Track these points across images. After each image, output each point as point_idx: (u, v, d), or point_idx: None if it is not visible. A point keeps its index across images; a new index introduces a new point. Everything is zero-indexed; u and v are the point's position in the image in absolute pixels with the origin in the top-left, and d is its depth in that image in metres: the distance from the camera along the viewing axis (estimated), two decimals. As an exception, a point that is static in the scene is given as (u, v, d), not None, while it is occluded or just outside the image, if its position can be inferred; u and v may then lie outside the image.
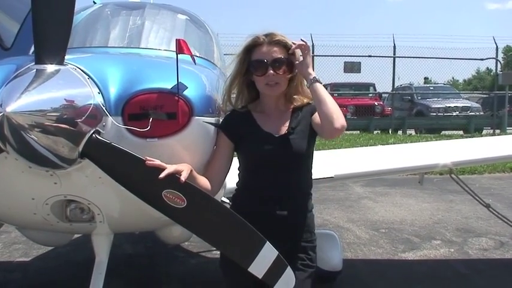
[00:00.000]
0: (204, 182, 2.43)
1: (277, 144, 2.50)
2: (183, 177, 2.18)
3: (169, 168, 2.17)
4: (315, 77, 2.49)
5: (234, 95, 2.66)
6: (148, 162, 2.16)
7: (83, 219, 2.62)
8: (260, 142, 2.50)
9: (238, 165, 2.62)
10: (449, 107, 21.00)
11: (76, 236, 4.54)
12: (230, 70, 2.71)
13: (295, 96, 2.62)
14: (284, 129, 2.54)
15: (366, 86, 23.08)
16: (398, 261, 5.25)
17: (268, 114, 2.59)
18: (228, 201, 4.08)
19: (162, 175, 2.13)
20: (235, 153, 2.63)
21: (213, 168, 2.55)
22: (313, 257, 2.62)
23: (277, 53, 2.51)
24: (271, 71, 2.48)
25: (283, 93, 2.60)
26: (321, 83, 2.49)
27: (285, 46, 2.54)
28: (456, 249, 5.59)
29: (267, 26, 2.59)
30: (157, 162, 2.17)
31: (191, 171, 2.28)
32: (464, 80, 43.40)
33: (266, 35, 2.54)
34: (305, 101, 2.60)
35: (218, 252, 2.75)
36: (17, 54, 2.97)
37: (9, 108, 1.98)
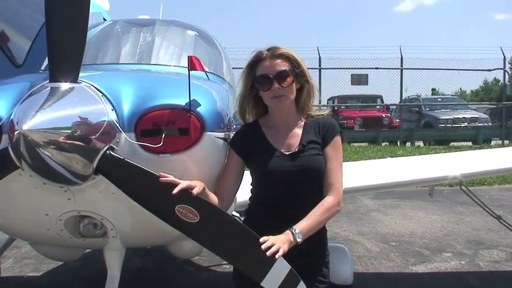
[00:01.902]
0: (215, 198, 2.44)
1: (288, 162, 2.48)
2: (195, 192, 2.20)
3: (183, 184, 2.19)
4: (296, 235, 2.32)
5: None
6: (162, 178, 2.18)
7: (96, 235, 2.64)
8: (270, 160, 2.48)
9: (250, 180, 2.62)
10: (457, 118, 20.96)
11: (87, 250, 4.56)
12: (238, 86, 2.74)
13: (308, 107, 2.61)
14: (295, 146, 2.52)
15: (373, 98, 23.09)
16: (409, 274, 5.20)
17: (278, 129, 2.58)
18: (238, 215, 4.08)
19: (175, 191, 2.16)
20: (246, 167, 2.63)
21: (223, 185, 2.55)
22: (326, 273, 2.61)
23: (281, 66, 2.50)
24: (277, 85, 2.47)
25: (293, 106, 2.59)
26: (298, 233, 2.33)
27: (287, 58, 2.53)
28: (467, 262, 5.53)
29: (272, 40, 2.61)
30: (170, 178, 2.20)
31: (204, 187, 2.30)
32: (472, 91, 43.28)
33: (268, 49, 2.55)
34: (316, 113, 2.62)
35: (228, 266, 2.75)
36: (28, 71, 3.02)
37: (25, 126, 2.01)
